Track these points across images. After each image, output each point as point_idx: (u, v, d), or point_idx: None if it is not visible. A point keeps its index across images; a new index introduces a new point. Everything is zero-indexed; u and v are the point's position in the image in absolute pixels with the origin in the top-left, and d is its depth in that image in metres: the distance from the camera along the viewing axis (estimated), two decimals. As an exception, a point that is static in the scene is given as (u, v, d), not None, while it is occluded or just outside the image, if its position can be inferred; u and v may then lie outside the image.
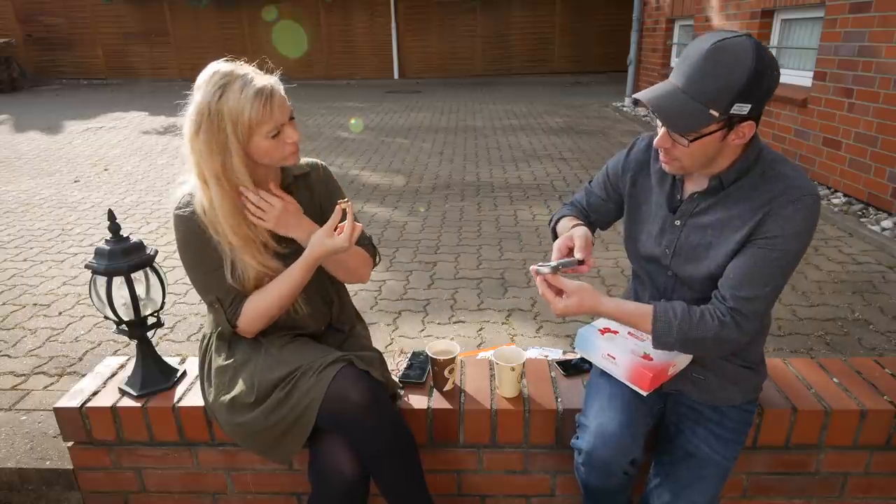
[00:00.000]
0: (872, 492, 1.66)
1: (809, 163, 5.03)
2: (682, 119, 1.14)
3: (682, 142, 1.18)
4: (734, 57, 1.09)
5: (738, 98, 1.10)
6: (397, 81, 14.71)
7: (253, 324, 1.48)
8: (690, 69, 1.13)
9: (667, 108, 1.15)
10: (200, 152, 1.34)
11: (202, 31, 14.95)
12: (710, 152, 1.20)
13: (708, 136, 1.16)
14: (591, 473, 1.36)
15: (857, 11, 4.37)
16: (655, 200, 1.40)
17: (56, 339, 2.78)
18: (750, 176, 1.25)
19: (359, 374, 1.41)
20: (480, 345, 2.68)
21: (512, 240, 3.99)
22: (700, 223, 1.31)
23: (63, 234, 4.22)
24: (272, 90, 1.33)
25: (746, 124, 1.16)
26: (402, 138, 7.62)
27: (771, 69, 1.12)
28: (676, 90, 1.15)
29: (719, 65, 1.10)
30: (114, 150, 7.10)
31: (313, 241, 1.42)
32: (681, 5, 7.91)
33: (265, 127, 1.32)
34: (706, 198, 1.30)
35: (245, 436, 1.47)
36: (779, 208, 1.19)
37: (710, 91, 1.11)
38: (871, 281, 3.25)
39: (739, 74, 1.09)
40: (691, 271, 1.33)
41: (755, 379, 1.46)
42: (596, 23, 14.38)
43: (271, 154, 1.38)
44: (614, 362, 1.37)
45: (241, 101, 1.29)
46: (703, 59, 1.11)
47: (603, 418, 1.36)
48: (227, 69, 1.32)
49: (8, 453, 1.95)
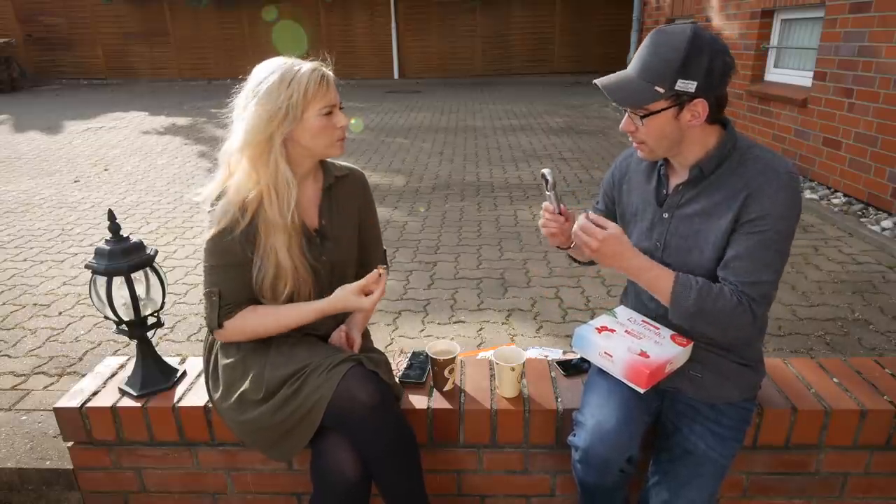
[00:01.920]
0: (872, 492, 1.66)
1: (809, 163, 5.03)
2: (629, 95, 1.25)
3: (638, 122, 1.27)
4: (672, 37, 1.21)
5: (679, 74, 1.19)
6: (397, 81, 14.71)
7: (237, 333, 1.48)
8: (639, 54, 1.26)
9: (615, 87, 1.26)
10: (251, 121, 1.37)
11: (202, 31, 14.94)
12: (669, 132, 1.27)
13: (660, 114, 1.24)
14: (587, 471, 1.36)
15: (857, 11, 4.37)
16: (644, 198, 1.44)
17: (56, 339, 2.78)
18: (728, 163, 1.30)
19: (368, 374, 1.41)
20: (480, 345, 2.68)
21: (512, 240, 3.99)
22: (686, 213, 1.35)
23: (63, 234, 4.22)
24: (326, 72, 1.41)
25: (698, 102, 1.22)
26: (402, 138, 7.62)
27: (713, 50, 1.20)
28: (626, 74, 1.27)
29: (660, 45, 1.22)
30: (114, 150, 7.10)
31: (339, 294, 1.46)
32: (681, 5, 7.91)
33: (319, 103, 1.38)
34: (690, 188, 1.34)
35: (250, 432, 1.47)
36: (759, 188, 1.24)
37: (652, 69, 1.22)
38: (871, 281, 3.25)
39: (676, 52, 1.19)
40: (683, 261, 1.35)
41: (753, 377, 1.46)
42: (596, 23, 14.37)
43: (321, 135, 1.41)
44: (611, 360, 1.37)
45: (301, 75, 1.36)
46: (648, 42, 1.25)
47: (600, 416, 1.37)
48: (282, 58, 1.42)
49: (8, 453, 1.95)
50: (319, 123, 1.40)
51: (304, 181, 1.52)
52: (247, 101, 1.38)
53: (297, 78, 1.36)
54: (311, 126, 1.39)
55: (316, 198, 1.55)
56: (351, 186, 1.61)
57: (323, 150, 1.45)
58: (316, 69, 1.39)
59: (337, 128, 1.43)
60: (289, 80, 1.36)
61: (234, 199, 1.41)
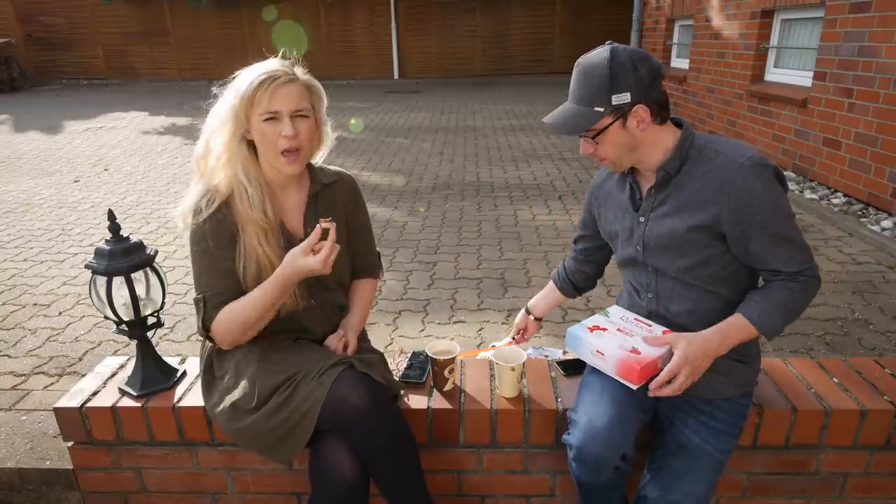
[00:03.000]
0: (872, 492, 1.66)
1: (809, 163, 5.03)
2: (575, 123, 1.32)
3: (590, 143, 1.35)
4: (594, 61, 1.29)
5: (612, 90, 1.27)
6: (397, 81, 14.71)
7: (226, 332, 1.45)
8: (571, 88, 1.35)
9: (561, 120, 1.34)
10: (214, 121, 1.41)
11: (202, 31, 14.94)
12: (623, 142, 1.33)
13: (608, 129, 1.31)
14: (582, 469, 1.38)
15: (857, 11, 4.37)
16: (621, 208, 1.49)
17: (56, 339, 2.78)
18: (690, 161, 1.35)
19: (359, 377, 1.40)
20: (480, 345, 2.68)
21: (512, 240, 3.99)
22: (660, 213, 1.40)
23: (63, 234, 4.22)
24: (282, 78, 1.38)
25: (638, 108, 1.29)
26: (402, 138, 7.62)
27: (633, 61, 1.27)
28: (567, 107, 1.35)
29: (584, 74, 1.31)
30: (114, 150, 7.10)
31: (287, 258, 1.38)
32: (681, 5, 7.91)
33: (258, 108, 1.37)
34: (660, 190, 1.39)
35: (246, 438, 1.47)
36: (734, 189, 1.28)
37: (587, 95, 1.30)
38: (871, 281, 3.25)
39: (601, 73, 1.27)
40: (664, 259, 1.41)
41: (748, 373, 1.48)
42: (596, 23, 14.36)
43: (263, 140, 1.40)
44: (603, 358, 1.38)
45: (254, 77, 1.37)
46: (575, 74, 1.34)
47: (592, 413, 1.38)
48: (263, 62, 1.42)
49: (8, 453, 1.95)
50: (261, 129, 1.39)
51: (288, 187, 1.52)
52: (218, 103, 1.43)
53: (249, 81, 1.37)
54: (257, 131, 1.40)
55: (301, 204, 1.55)
56: (339, 192, 1.61)
57: (272, 159, 1.42)
58: (267, 73, 1.37)
59: (281, 136, 1.38)
60: (240, 83, 1.38)
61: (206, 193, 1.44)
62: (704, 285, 1.39)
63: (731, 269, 1.38)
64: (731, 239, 1.32)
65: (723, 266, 1.37)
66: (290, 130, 1.38)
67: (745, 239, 1.31)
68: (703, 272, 1.38)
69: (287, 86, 1.39)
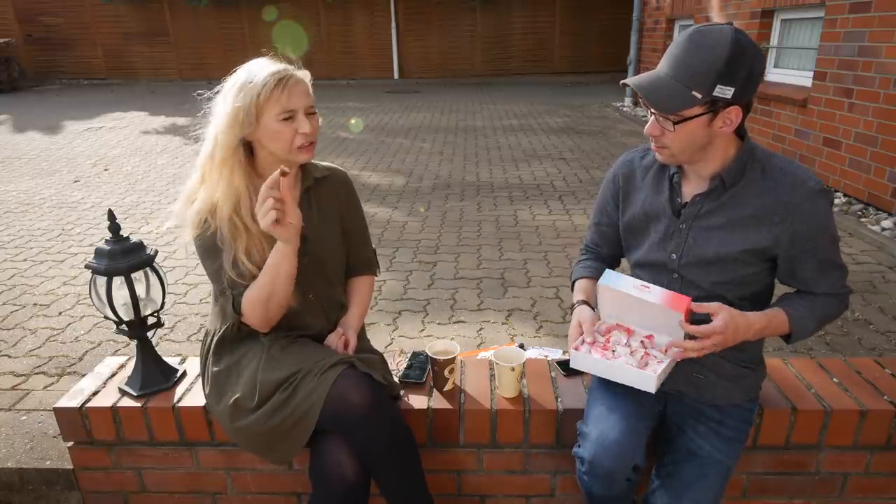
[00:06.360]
0: (872, 492, 1.66)
1: (809, 163, 5.03)
2: (666, 99, 1.18)
3: (668, 126, 1.21)
4: (713, 39, 1.13)
5: (720, 80, 1.13)
6: (397, 81, 14.71)
7: (255, 311, 1.45)
8: (673, 54, 1.18)
9: (651, 89, 1.19)
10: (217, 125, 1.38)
11: (202, 31, 14.94)
12: (698, 139, 1.22)
13: (693, 120, 1.18)
14: (594, 482, 1.35)
15: (857, 11, 4.37)
16: (655, 208, 1.39)
17: (56, 339, 2.78)
18: (750, 174, 1.27)
19: (360, 376, 1.41)
20: (480, 345, 2.68)
21: (512, 240, 3.99)
22: (707, 225, 1.31)
23: (63, 234, 4.22)
24: (292, 76, 1.39)
25: (732, 109, 1.18)
26: (402, 138, 7.62)
27: (753, 55, 1.15)
28: (661, 75, 1.20)
29: (700, 47, 1.14)
30: (114, 150, 7.10)
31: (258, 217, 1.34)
32: (681, 5, 7.91)
33: (274, 108, 1.36)
34: (710, 199, 1.30)
35: (246, 438, 1.47)
36: (798, 207, 1.23)
37: (691, 72, 1.15)
38: (871, 281, 3.25)
39: (719, 55, 1.12)
40: (700, 273, 1.33)
41: (755, 378, 1.47)
42: (596, 23, 14.37)
43: (278, 140, 1.39)
44: (648, 291, 1.28)
45: (258, 79, 1.36)
46: (685, 43, 1.17)
47: (604, 426, 1.36)
48: (260, 60, 1.40)
49: (8, 453, 1.95)
50: (277, 128, 1.38)
51: None
52: (215, 105, 1.41)
53: (253, 82, 1.36)
54: (269, 130, 1.39)
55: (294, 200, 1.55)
56: (332, 187, 1.61)
57: (285, 155, 1.43)
58: (277, 73, 1.37)
59: (298, 133, 1.40)
60: (245, 85, 1.36)
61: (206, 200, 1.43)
62: (732, 297, 1.33)
63: (764, 284, 1.36)
64: (781, 261, 1.29)
65: (758, 282, 1.34)
66: (308, 127, 1.41)
67: (795, 262, 1.28)
68: (736, 287, 1.33)
69: (299, 84, 1.41)
